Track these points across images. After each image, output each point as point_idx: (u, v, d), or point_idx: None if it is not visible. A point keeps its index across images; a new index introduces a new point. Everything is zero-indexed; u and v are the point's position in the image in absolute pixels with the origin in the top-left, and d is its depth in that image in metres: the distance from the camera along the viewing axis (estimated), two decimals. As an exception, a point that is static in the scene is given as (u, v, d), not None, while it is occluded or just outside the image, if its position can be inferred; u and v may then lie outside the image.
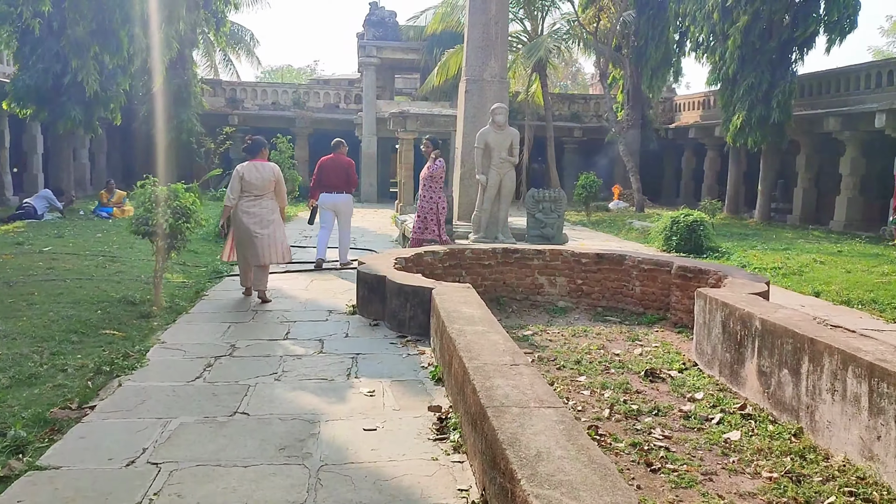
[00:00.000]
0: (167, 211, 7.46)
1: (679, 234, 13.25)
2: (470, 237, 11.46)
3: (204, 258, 10.99)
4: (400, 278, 6.74)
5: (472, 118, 12.23)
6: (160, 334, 6.41)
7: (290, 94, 27.69)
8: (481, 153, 11.13)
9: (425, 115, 17.47)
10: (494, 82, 12.25)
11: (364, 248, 12.57)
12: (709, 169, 25.65)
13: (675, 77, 25.13)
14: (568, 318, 8.30)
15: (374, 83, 25.65)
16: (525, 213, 12.09)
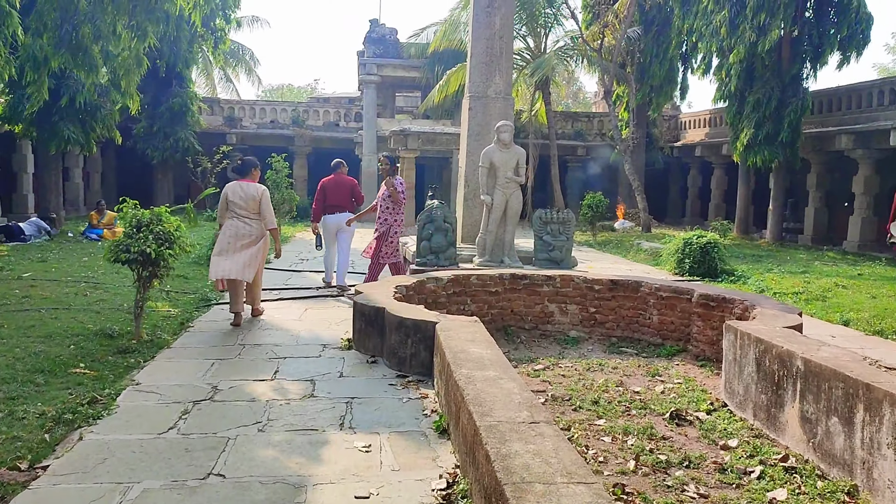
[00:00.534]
0: (149, 236, 6.89)
1: (692, 256, 12.68)
2: (474, 260, 10.88)
3: (193, 283, 10.40)
4: (400, 310, 6.15)
5: (476, 136, 11.69)
6: (136, 373, 5.81)
7: (289, 112, 27.24)
8: (486, 172, 10.58)
9: (427, 133, 16.96)
10: (499, 99, 11.72)
11: (362, 272, 11.98)
12: (716, 188, 25.12)
13: (682, 94, 24.68)
14: (581, 350, 7.73)
15: (374, 101, 25.20)
16: (531, 234, 11.54)
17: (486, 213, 10.68)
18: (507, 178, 10.55)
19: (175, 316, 8.07)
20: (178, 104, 23.71)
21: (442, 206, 10.70)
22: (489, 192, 10.59)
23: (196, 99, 24.98)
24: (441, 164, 27.53)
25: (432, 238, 10.50)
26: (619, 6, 22.27)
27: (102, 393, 5.19)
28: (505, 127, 10.56)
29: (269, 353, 6.54)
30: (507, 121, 10.77)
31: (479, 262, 10.70)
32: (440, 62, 24.34)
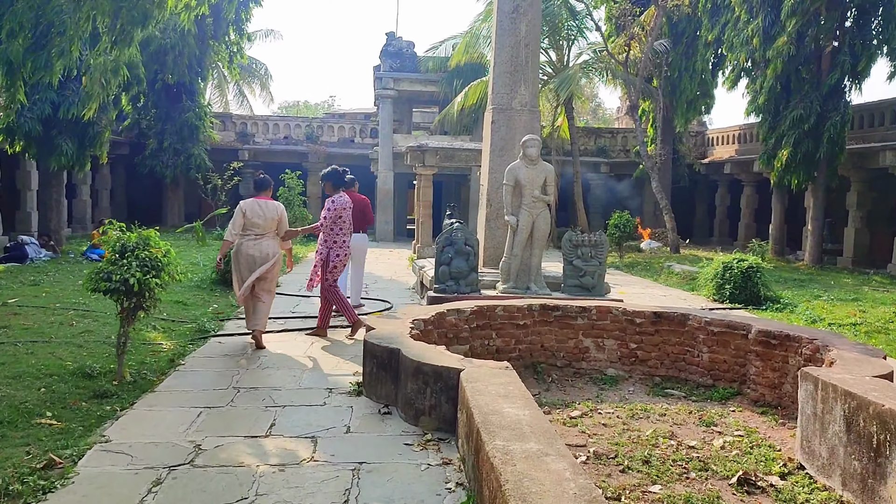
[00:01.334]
0: (132, 263, 6.06)
1: (733, 281, 11.71)
2: (498, 287, 9.98)
3: (192, 311, 9.57)
4: (418, 353, 5.25)
5: (500, 152, 10.84)
6: (108, 426, 4.94)
7: (302, 127, 26.56)
8: (511, 191, 9.71)
9: (445, 148, 16.13)
10: (524, 112, 10.86)
11: (376, 297, 11.12)
12: (746, 206, 24.10)
13: (707, 109, 23.71)
14: (621, 391, 6.83)
15: (390, 116, 24.46)
16: (558, 257, 10.65)
17: (511, 236, 9.81)
18: (534, 198, 9.69)
19: (166, 350, 7.22)
20: (189, 119, 23.07)
21: (463, 228, 9.84)
22: (514, 212, 9.73)
23: (207, 114, 24.36)
24: (459, 182, 26.71)
25: (452, 262, 9.63)
26: (646, 18, 21.43)
27: (63, 454, 4.33)
28: (532, 141, 9.71)
29: (265, 400, 5.65)
30: (534, 135, 9.91)
31: (502, 288, 9.81)
32: (459, 76, 23.58)
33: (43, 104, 13.72)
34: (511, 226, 9.72)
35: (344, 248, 8.28)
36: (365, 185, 29.08)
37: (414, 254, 17.54)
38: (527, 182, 9.67)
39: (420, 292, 11.32)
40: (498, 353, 7.35)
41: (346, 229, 8.30)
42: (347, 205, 8.33)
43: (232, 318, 9.18)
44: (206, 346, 7.51)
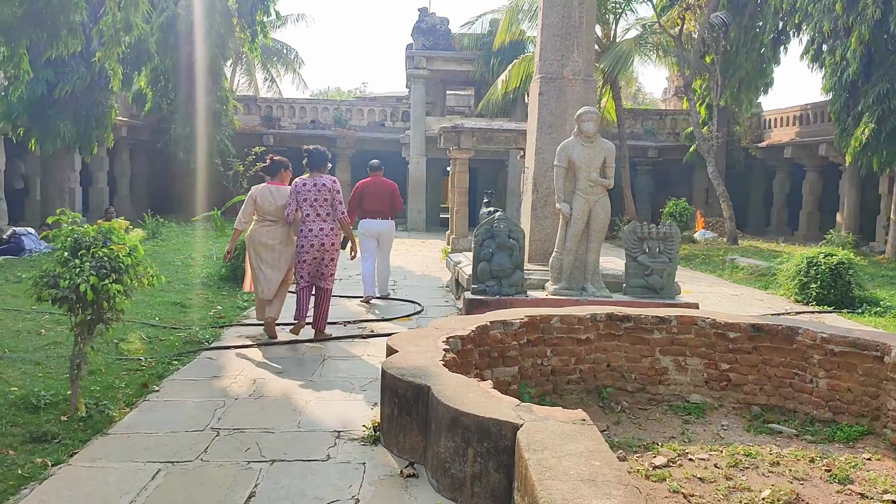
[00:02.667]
0: (86, 265, 4.67)
1: (820, 279, 10.02)
2: (547, 287, 8.45)
3: (190, 314, 8.21)
4: (454, 392, 3.75)
5: (548, 128, 9.28)
6: (26, 496, 3.56)
7: (330, 111, 25.16)
8: (563, 174, 8.19)
9: (482, 129, 14.58)
10: (577, 81, 9.29)
11: (404, 298, 9.65)
12: (808, 194, 22.15)
13: (766, 89, 21.73)
14: (711, 425, 5.34)
15: (423, 98, 22.94)
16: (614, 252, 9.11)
17: (563, 227, 8.28)
18: (591, 181, 8.16)
19: (143, 370, 5.83)
20: (210, 102, 21.78)
21: (505, 218, 8.32)
22: (567, 199, 8.22)
23: (230, 97, 23.07)
24: (496, 168, 25.14)
25: (493, 258, 8.13)
26: (702, -13, 19.58)
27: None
28: (588, 115, 8.16)
29: (250, 450, 4.21)
30: (591, 107, 8.35)
31: (553, 289, 8.29)
32: (497, 54, 21.97)
33: (37, 83, 12.44)
34: (563, 215, 8.19)
35: (308, 238, 6.99)
36: (396, 171, 27.68)
37: (448, 245, 16.05)
38: (582, 163, 8.14)
39: (455, 291, 9.83)
40: (554, 375, 5.87)
41: (313, 217, 7.00)
42: (311, 188, 7.01)
43: (234, 323, 7.79)
44: (194, 364, 6.10)
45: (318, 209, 6.98)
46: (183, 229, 18.58)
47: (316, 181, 7.02)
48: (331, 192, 7.00)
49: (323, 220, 6.99)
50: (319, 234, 6.97)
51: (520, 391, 5.57)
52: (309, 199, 6.97)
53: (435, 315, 8.46)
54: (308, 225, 6.96)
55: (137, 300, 7.88)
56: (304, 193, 6.98)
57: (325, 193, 6.98)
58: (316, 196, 6.97)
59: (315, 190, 6.97)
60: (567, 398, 5.86)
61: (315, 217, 6.98)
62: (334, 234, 7.08)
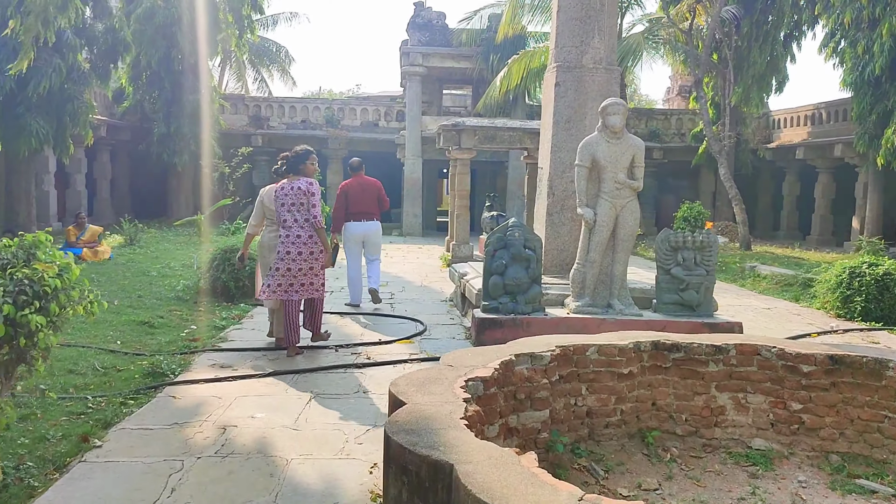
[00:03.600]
0: (0, 290, 3.61)
1: (865, 292, 9.01)
2: (567, 304, 7.41)
3: (158, 336, 7.11)
4: (488, 474, 2.68)
5: (566, 123, 8.25)
6: None
7: (322, 110, 24.06)
8: (586, 175, 7.20)
9: (485, 128, 13.54)
10: (599, 70, 8.26)
11: (403, 314, 8.57)
12: (822, 196, 21.19)
13: (780, 86, 20.74)
14: (784, 480, 4.40)
15: (419, 96, 21.88)
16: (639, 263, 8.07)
17: (586, 235, 7.27)
18: (618, 183, 7.18)
19: (90, 412, 4.76)
20: (194, 101, 20.69)
21: (521, 225, 7.29)
22: (590, 203, 7.24)
23: (216, 95, 21.98)
24: (495, 169, 24.11)
25: (507, 271, 7.11)
26: (713, -21, 18.58)
27: None
28: (615, 107, 7.18)
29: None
30: (618, 99, 7.33)
31: (575, 307, 7.26)
32: (496, 51, 20.93)
33: (4, 78, 11.31)
34: (586, 221, 7.18)
35: (285, 244, 6.49)
36: (391, 172, 26.60)
37: (448, 252, 15.01)
38: (608, 162, 7.14)
39: (461, 307, 8.78)
40: (590, 417, 4.84)
41: (290, 222, 6.49)
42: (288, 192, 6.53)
43: (208, 347, 6.71)
44: (152, 405, 5.01)
45: (296, 214, 6.49)
46: (165, 235, 17.47)
47: (293, 184, 6.55)
48: (305, 194, 6.48)
49: (301, 227, 6.49)
50: (297, 241, 6.47)
51: (551, 440, 4.53)
52: (286, 204, 6.52)
53: (440, 336, 7.41)
54: (286, 231, 6.50)
55: (99, 319, 6.82)
56: (282, 198, 6.55)
57: (300, 197, 6.49)
58: (293, 200, 6.50)
59: (292, 194, 6.51)
60: (606, 445, 4.82)
61: (293, 222, 6.49)
62: (314, 240, 6.53)
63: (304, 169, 6.67)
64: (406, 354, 6.56)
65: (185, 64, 21.00)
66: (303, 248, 6.45)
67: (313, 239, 6.48)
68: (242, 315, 8.33)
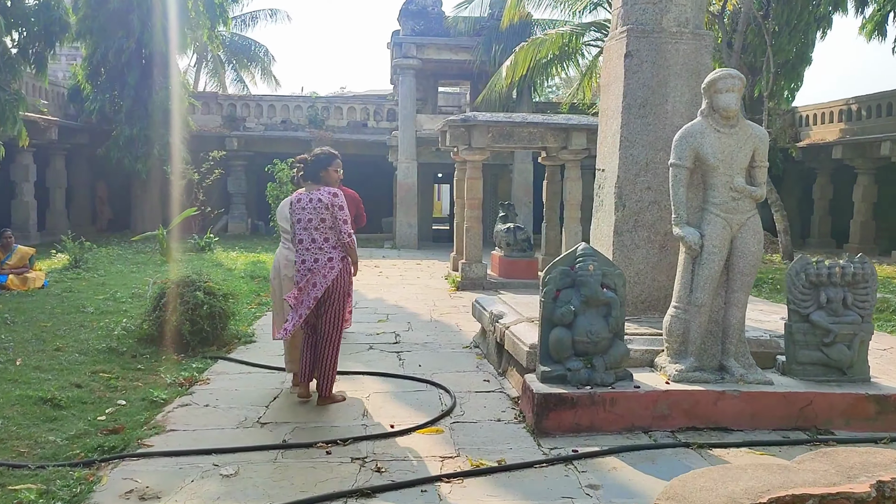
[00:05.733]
0: None
1: None
2: (662, 366, 5.16)
3: (66, 422, 4.77)
4: None
5: (639, 109, 6.01)
6: None
7: (304, 109, 21.70)
8: (685, 179, 5.02)
9: (501, 123, 11.28)
10: (685, 36, 6.04)
11: (420, 377, 6.22)
12: (862, 200, 19.06)
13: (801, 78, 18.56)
14: None
15: (412, 92, 19.60)
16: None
17: (687, 266, 5.05)
18: (735, 191, 5.00)
19: None
20: (161, 99, 18.31)
21: (595, 254, 5.03)
22: (691, 219, 5.02)
23: (186, 94, 19.60)
24: (496, 173, 21.86)
25: (577, 323, 4.87)
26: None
27: None
28: (729, 81, 5.01)
29: None
30: (732, 70, 5.09)
31: (676, 371, 5.00)
32: (499, 40, 18.72)
33: None
34: (688, 247, 4.98)
35: (301, 272, 5.30)
36: (381, 177, 24.30)
37: (455, 271, 12.73)
38: (720, 160, 4.95)
39: (496, 361, 6.47)
40: None
41: (307, 243, 5.28)
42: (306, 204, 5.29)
43: (134, 451, 4.39)
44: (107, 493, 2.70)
45: (314, 233, 5.24)
46: (123, 253, 15.05)
47: (312, 195, 5.27)
48: (329, 208, 5.20)
49: (319, 249, 5.24)
50: (315, 266, 5.22)
51: None
52: (303, 220, 5.27)
53: (477, 417, 5.10)
54: (301, 255, 5.28)
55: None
56: (298, 213, 5.31)
57: (321, 212, 5.21)
58: (312, 215, 5.24)
59: (311, 208, 5.24)
60: None
61: (310, 243, 5.25)
62: (335, 266, 5.24)
63: (325, 176, 5.41)
64: (438, 458, 4.27)
65: (151, 58, 18.66)
66: (320, 275, 5.19)
67: (334, 262, 5.22)
68: (197, 377, 6.01)
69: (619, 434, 4.67)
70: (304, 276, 5.20)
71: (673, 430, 4.72)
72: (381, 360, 6.77)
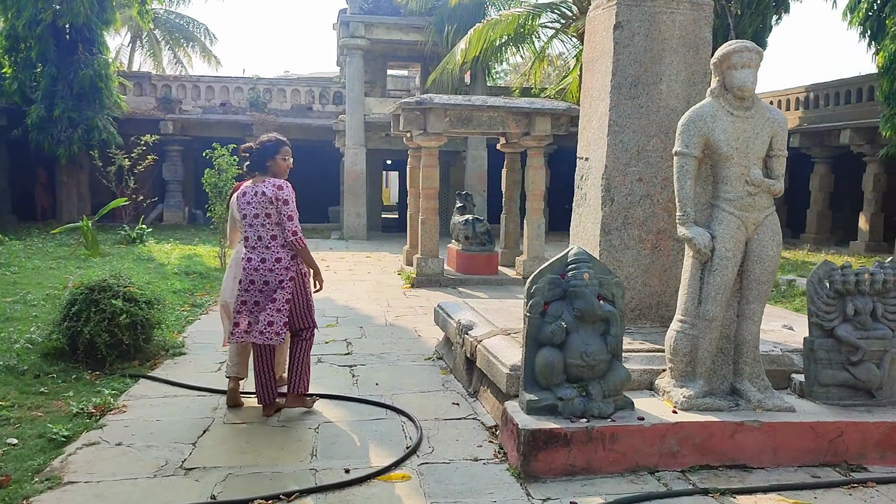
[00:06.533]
0: None
1: None
2: (665, 390, 4.40)
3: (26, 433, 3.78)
4: None
5: (630, 89, 5.22)
6: None
7: (245, 91, 20.44)
8: (693, 169, 4.26)
9: (460, 107, 10.43)
10: (681, 5, 5.27)
11: (377, 401, 5.33)
12: (819, 189, 18.86)
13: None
14: None
15: (360, 74, 18.56)
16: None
17: (695, 274, 4.31)
18: (752, 185, 4.25)
19: None
20: (86, 78, 16.90)
21: (589, 259, 4.23)
22: (699, 218, 4.27)
23: (111, 71, 18.16)
24: (448, 160, 20.97)
25: (570, 342, 4.07)
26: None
27: None
28: (745, 55, 4.27)
29: None
30: (747, 42, 4.33)
31: (684, 398, 4.25)
32: (451, 19, 17.79)
33: None
34: (696, 251, 4.22)
35: (247, 271, 4.73)
36: (327, 164, 23.24)
37: (409, 266, 11.88)
38: (734, 148, 4.21)
39: (465, 378, 5.62)
40: None
41: (253, 241, 4.77)
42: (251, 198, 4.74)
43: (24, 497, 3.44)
44: None
45: (260, 230, 4.73)
46: (43, 247, 13.73)
47: (258, 188, 4.74)
48: (273, 202, 4.67)
49: (266, 248, 4.73)
50: (261, 267, 4.71)
51: None
52: (249, 216, 4.75)
53: (451, 455, 4.26)
54: (248, 253, 4.78)
55: None
56: (244, 207, 4.78)
57: (265, 207, 4.68)
58: (258, 210, 4.71)
59: (256, 202, 4.71)
60: None
61: (256, 241, 4.75)
62: (283, 267, 4.71)
63: (272, 166, 4.83)
64: None
65: (75, 34, 17.22)
66: (269, 276, 4.67)
67: (283, 263, 4.68)
68: (111, 404, 5.03)
69: (622, 476, 3.90)
70: (249, 277, 4.67)
71: (684, 470, 3.97)
72: (332, 376, 5.88)
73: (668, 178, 5.29)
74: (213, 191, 11.98)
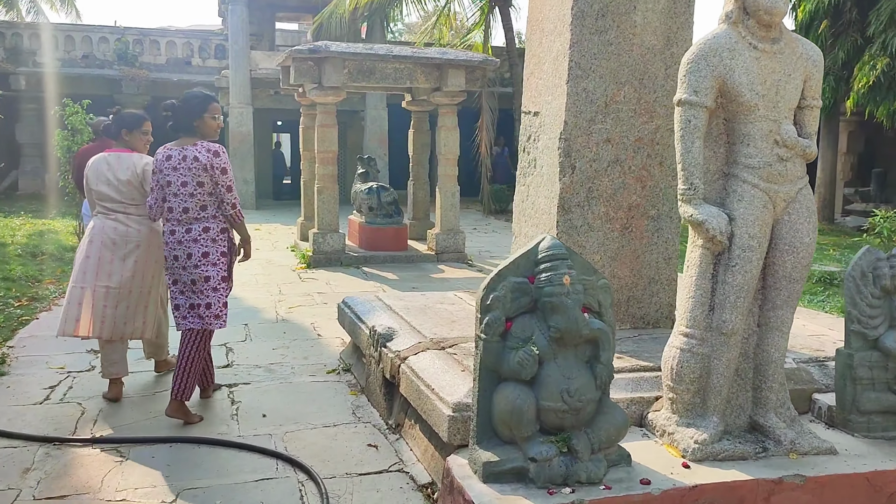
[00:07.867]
0: None
1: None
2: (660, 425, 3.22)
3: None
4: None
5: (596, 21, 3.96)
6: None
7: (111, 42, 18.02)
8: (702, 124, 3.01)
9: (361, 56, 8.94)
10: None
11: (260, 446, 3.94)
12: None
13: None
14: None
15: (245, 25, 16.66)
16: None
17: (702, 268, 3.05)
18: (783, 146, 3.01)
19: None
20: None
21: (569, 254, 2.92)
22: (711, 193, 3.04)
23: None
24: (345, 121, 19.31)
25: (544, 376, 2.76)
26: None
27: None
28: None
29: None
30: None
31: (695, 445, 3.03)
32: (346, -33, 16.09)
33: None
34: (710, 237, 2.99)
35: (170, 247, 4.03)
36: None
37: (303, 241, 10.39)
38: (759, 94, 2.96)
39: (384, 402, 4.26)
40: None
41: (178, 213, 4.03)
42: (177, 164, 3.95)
43: None
44: None
45: (188, 200, 3.96)
46: None
47: (186, 152, 3.95)
48: (208, 170, 3.93)
49: (195, 219, 3.99)
50: (185, 240, 3.98)
51: None
52: (174, 184, 3.96)
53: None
54: (171, 225, 4.03)
55: None
56: (168, 174, 3.97)
57: (198, 174, 3.93)
58: (187, 178, 3.94)
59: (184, 168, 3.94)
60: None
61: (181, 213, 3.98)
62: (209, 238, 3.99)
63: (200, 126, 4.07)
64: None
65: None
66: (193, 248, 3.96)
67: (212, 236, 4.01)
68: None
69: (623, 570, 2.70)
70: (173, 252, 4.03)
71: (705, 553, 2.80)
72: (204, 403, 4.42)
73: (641, 137, 4.11)
74: (67, 155, 10.13)
